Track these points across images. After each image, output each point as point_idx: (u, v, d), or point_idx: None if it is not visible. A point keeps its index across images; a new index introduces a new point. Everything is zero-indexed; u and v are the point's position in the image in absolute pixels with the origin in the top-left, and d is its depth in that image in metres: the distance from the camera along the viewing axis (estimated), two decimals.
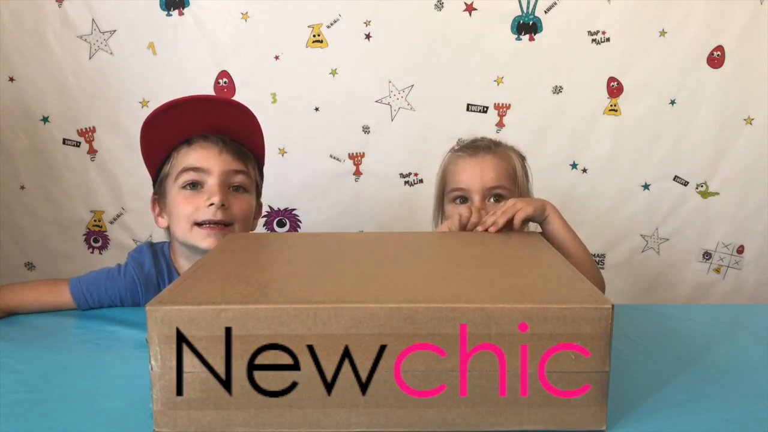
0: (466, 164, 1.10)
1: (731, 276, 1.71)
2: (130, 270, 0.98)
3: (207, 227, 0.93)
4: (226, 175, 0.96)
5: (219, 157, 0.96)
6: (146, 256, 1.00)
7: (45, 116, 1.58)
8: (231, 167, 0.96)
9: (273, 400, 0.53)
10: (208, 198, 0.93)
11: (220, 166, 0.95)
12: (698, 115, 1.61)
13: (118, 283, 0.96)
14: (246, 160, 0.99)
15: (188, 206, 0.94)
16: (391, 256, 0.70)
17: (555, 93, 1.60)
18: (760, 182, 1.65)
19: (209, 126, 0.98)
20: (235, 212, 0.95)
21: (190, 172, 0.95)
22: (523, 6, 1.56)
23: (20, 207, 1.62)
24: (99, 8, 1.53)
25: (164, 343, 0.52)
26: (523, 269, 0.64)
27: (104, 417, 0.58)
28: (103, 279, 0.97)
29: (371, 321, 0.51)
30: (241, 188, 0.98)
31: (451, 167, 1.13)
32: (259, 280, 0.58)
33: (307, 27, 1.56)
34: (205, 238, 0.93)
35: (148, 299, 0.96)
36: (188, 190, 0.95)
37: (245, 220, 0.98)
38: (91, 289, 0.95)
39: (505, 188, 1.08)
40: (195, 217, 0.93)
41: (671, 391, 0.63)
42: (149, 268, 0.99)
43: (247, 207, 0.99)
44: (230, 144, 0.98)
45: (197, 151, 0.96)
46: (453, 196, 1.10)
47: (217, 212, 0.93)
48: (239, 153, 0.98)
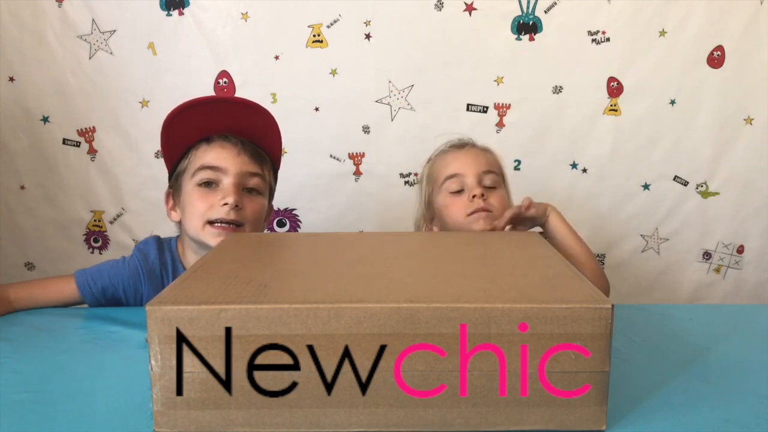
0: (456, 155, 1.11)
1: (731, 276, 1.71)
2: (135, 260, 1.00)
3: (218, 226, 0.94)
4: (242, 176, 0.97)
5: (237, 158, 0.97)
6: (152, 248, 1.02)
7: (45, 116, 1.58)
8: (248, 169, 0.98)
9: (273, 400, 0.53)
10: (222, 197, 0.95)
11: (237, 167, 0.96)
12: (698, 115, 1.61)
13: (122, 272, 0.99)
14: (262, 164, 1.01)
15: (202, 204, 0.95)
16: (391, 256, 0.70)
17: (555, 93, 1.60)
18: (760, 182, 1.65)
19: (230, 127, 1.00)
20: (248, 214, 0.96)
21: (207, 170, 0.96)
22: (523, 6, 1.56)
23: (20, 207, 1.62)
24: (99, 8, 1.53)
25: (164, 343, 0.52)
26: (523, 269, 0.64)
27: (104, 417, 0.58)
28: (107, 268, 0.99)
29: (371, 321, 0.51)
30: (255, 191, 0.99)
31: (440, 161, 1.13)
32: (259, 280, 0.58)
33: (307, 27, 1.56)
34: (215, 236, 0.94)
35: (149, 290, 0.99)
36: (204, 188, 0.97)
37: (256, 222, 0.99)
38: (95, 278, 0.97)
39: (496, 174, 1.09)
40: (208, 215, 0.95)
41: (671, 391, 0.63)
42: (153, 260, 1.01)
43: (260, 209, 1.00)
44: (249, 146, 0.99)
45: (216, 150, 0.98)
46: (448, 185, 1.08)
47: (231, 212, 0.94)
48: (257, 156, 1.00)
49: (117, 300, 0.99)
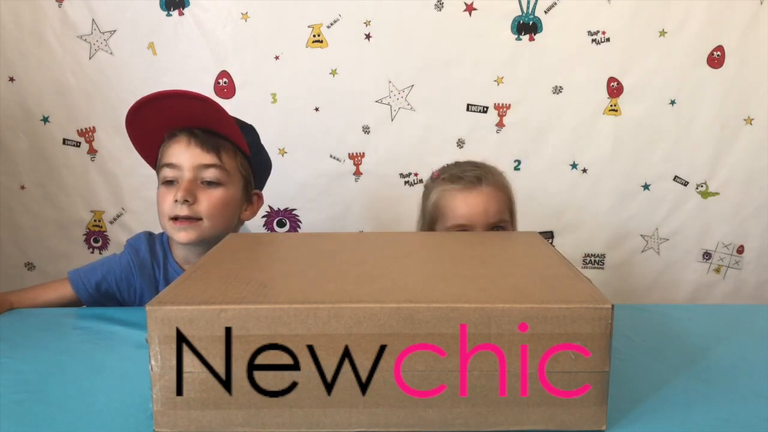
0: (466, 199, 1.04)
1: (731, 276, 1.71)
2: (126, 255, 1.03)
3: (178, 222, 0.96)
4: (196, 169, 0.96)
5: (187, 152, 0.96)
6: (142, 243, 1.04)
7: (45, 116, 1.58)
8: (201, 161, 0.96)
9: (273, 400, 0.53)
10: (175, 193, 0.95)
11: (190, 161, 0.96)
12: (698, 115, 1.61)
13: (114, 267, 1.01)
14: (220, 152, 0.98)
15: (164, 202, 0.97)
16: (391, 256, 0.70)
17: (555, 93, 1.60)
18: (760, 182, 1.65)
19: (178, 121, 0.98)
20: (203, 208, 0.96)
21: (166, 169, 0.97)
22: (523, 6, 1.56)
23: (20, 207, 1.62)
24: (99, 8, 1.53)
25: (164, 343, 0.52)
26: (523, 269, 0.64)
27: (104, 417, 0.58)
28: (99, 265, 1.02)
29: (371, 321, 0.51)
30: (214, 183, 0.97)
31: (447, 202, 1.06)
32: (259, 280, 0.58)
33: (307, 27, 1.56)
34: (177, 231, 0.96)
35: (143, 284, 1.00)
36: (166, 186, 0.98)
37: (216, 214, 0.97)
38: (87, 275, 1.00)
39: (506, 220, 1.06)
40: (170, 212, 0.96)
41: (671, 391, 0.63)
42: (144, 254, 1.03)
43: (218, 201, 0.98)
44: (200, 136, 0.97)
45: (171, 146, 0.98)
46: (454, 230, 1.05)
47: (183, 207, 0.94)
48: (210, 145, 0.97)
49: (111, 295, 1.01)
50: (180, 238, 0.96)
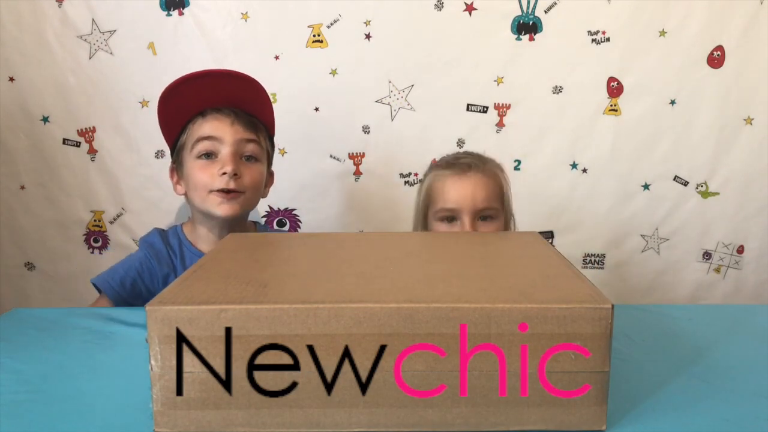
0: (455, 184, 1.07)
1: (731, 276, 1.71)
2: (142, 250, 1.07)
3: (221, 194, 0.99)
4: (238, 144, 1.01)
5: (231, 128, 1.01)
6: (155, 237, 1.08)
7: (45, 116, 1.58)
8: (243, 136, 1.02)
9: (273, 400, 0.53)
10: (221, 167, 0.99)
11: (233, 135, 1.01)
12: (698, 115, 1.61)
13: (133, 263, 1.06)
14: (257, 131, 1.05)
15: (203, 175, 1.00)
16: (391, 256, 0.70)
17: (555, 93, 1.60)
18: (760, 182, 1.65)
19: (222, 99, 1.04)
20: (246, 182, 1.01)
21: (204, 142, 1.01)
22: (523, 6, 1.56)
23: (20, 207, 1.62)
24: (99, 8, 1.53)
25: (164, 343, 0.52)
26: (523, 269, 0.64)
27: (104, 417, 0.58)
28: (118, 265, 1.07)
29: (371, 321, 0.51)
30: (253, 158, 1.04)
31: (439, 186, 1.09)
32: (259, 280, 0.58)
33: (307, 27, 1.56)
34: (219, 204, 0.99)
35: (164, 270, 1.05)
36: (203, 160, 1.01)
37: (256, 188, 1.04)
38: (110, 274, 1.05)
39: (494, 208, 1.07)
40: (210, 186, 0.99)
41: (671, 391, 0.63)
42: (159, 246, 1.07)
43: (258, 176, 1.05)
44: (242, 115, 1.03)
45: (211, 122, 1.02)
46: (441, 216, 1.08)
47: (230, 181, 0.99)
48: (250, 124, 1.04)
49: (137, 289, 1.04)
50: (224, 210, 0.99)
